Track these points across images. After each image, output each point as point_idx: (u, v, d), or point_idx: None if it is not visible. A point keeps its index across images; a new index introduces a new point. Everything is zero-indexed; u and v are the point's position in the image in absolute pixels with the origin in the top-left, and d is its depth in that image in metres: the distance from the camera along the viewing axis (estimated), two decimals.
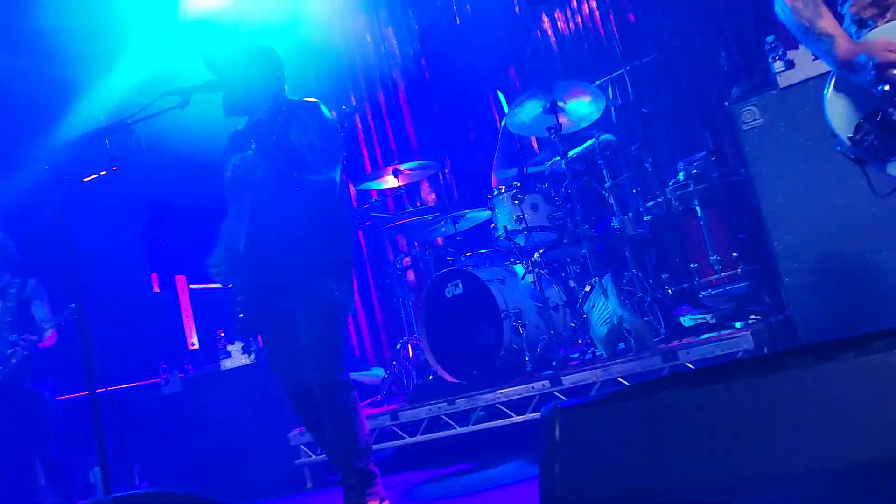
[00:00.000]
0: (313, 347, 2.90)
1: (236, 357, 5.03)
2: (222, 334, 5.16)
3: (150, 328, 5.98)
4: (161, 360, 5.53)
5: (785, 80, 3.78)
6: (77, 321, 2.41)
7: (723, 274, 4.25)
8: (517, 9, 6.57)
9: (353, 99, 7.34)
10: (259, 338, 3.17)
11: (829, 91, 2.26)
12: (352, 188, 6.34)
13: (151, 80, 5.54)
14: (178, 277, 6.00)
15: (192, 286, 6.06)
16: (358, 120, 7.22)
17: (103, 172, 6.08)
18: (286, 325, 2.98)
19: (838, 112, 2.24)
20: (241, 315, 2.94)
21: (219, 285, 3.13)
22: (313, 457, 4.57)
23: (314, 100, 3.09)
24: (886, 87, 2.10)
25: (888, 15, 2.21)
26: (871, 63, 2.10)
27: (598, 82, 5.34)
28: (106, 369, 2.59)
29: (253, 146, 2.85)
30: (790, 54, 3.76)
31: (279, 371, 3.11)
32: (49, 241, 2.97)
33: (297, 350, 2.95)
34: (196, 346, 5.84)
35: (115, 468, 2.49)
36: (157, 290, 6.04)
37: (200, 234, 6.05)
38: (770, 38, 3.94)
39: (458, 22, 6.87)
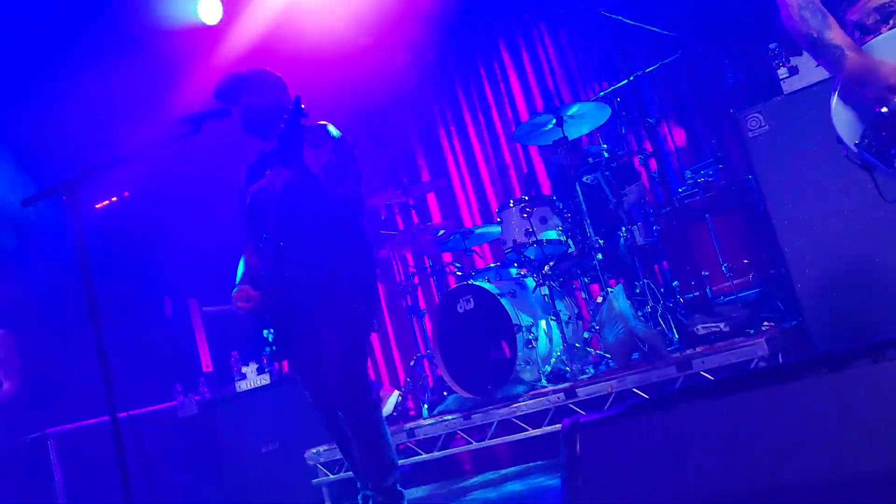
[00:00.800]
0: (337, 369, 2.92)
1: (251, 378, 5.05)
2: (236, 356, 5.18)
3: (164, 352, 6.02)
4: (176, 384, 5.56)
5: (789, 86, 3.79)
6: (96, 346, 2.43)
7: (734, 281, 4.25)
8: None
9: (360, 119, 7.39)
10: (286, 362, 3.18)
11: (835, 98, 2.28)
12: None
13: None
14: (190, 300, 6.04)
15: (204, 309, 6.09)
16: (366, 138, 7.27)
17: (115, 199, 6.17)
18: (312, 347, 3.00)
19: (844, 119, 2.26)
20: (270, 340, 2.97)
21: (230, 307, 3.16)
22: (331, 476, 4.58)
23: (324, 122, 3.14)
24: (884, 110, 2.13)
25: (891, 22, 2.22)
26: (876, 83, 2.12)
27: (602, 93, 5.38)
28: (123, 394, 2.61)
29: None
30: (794, 60, 3.78)
31: (309, 389, 3.13)
32: (65, 267, 3.00)
33: (321, 368, 2.98)
34: (210, 369, 5.86)
35: (137, 493, 2.51)
36: (169, 313, 6.08)
37: (211, 256, 6.12)
38: (773, 45, 3.97)
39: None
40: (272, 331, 3.01)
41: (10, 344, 4.49)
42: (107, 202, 6.21)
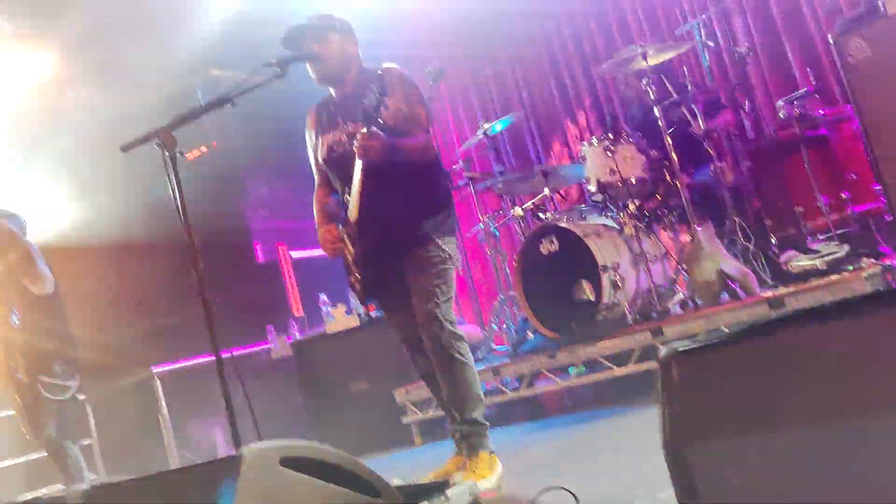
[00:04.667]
0: (427, 304, 2.98)
1: (340, 320, 5.20)
2: (325, 298, 5.34)
3: (256, 296, 6.25)
4: (269, 326, 5.78)
5: (894, 6, 3.56)
6: (199, 292, 2.54)
7: (831, 217, 4.09)
8: None
9: (435, 61, 7.34)
10: (372, 304, 3.27)
11: None
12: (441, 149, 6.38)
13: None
14: (279, 246, 6.23)
15: (293, 254, 6.27)
16: (442, 81, 7.21)
17: (205, 149, 6.36)
18: (399, 286, 3.08)
19: None
20: (357, 283, 3.05)
21: (319, 252, 3.24)
22: (420, 414, 4.70)
23: (392, 65, 3.12)
24: None
25: None
26: None
27: (685, 26, 5.16)
28: (221, 336, 2.73)
29: (344, 125, 2.92)
30: None
31: (397, 327, 3.22)
32: (166, 218, 3.12)
33: (410, 307, 3.05)
34: (301, 312, 6.06)
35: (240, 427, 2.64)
36: (260, 259, 6.29)
37: (299, 203, 6.27)
38: None
39: None
40: (358, 276, 3.08)
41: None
42: (197, 152, 6.40)
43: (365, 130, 2.76)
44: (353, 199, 2.97)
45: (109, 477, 5.40)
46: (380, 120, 2.82)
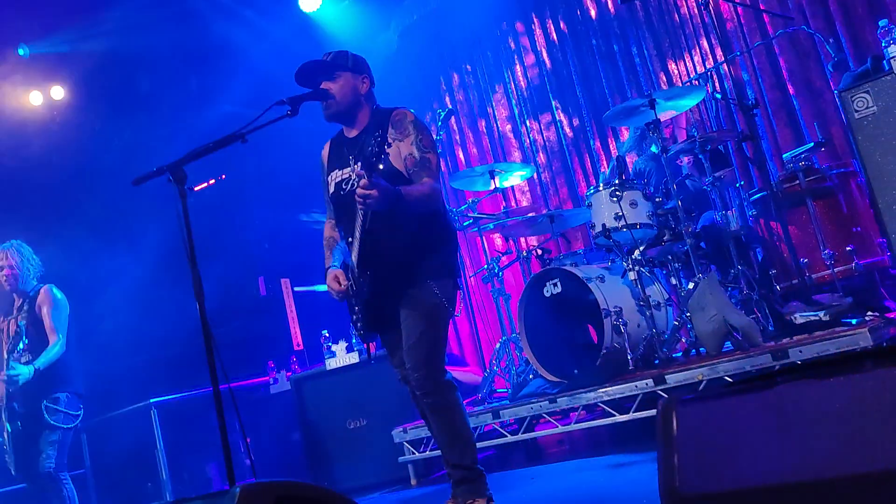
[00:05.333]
0: (415, 349, 2.97)
1: (340, 356, 5.18)
2: (326, 334, 5.32)
3: (258, 330, 6.24)
4: (269, 360, 5.76)
5: None
6: (202, 323, 2.54)
7: (836, 269, 4.08)
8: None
9: (447, 101, 7.44)
10: (374, 343, 3.25)
11: None
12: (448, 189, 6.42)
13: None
14: (282, 280, 6.24)
15: (296, 289, 6.27)
16: (453, 121, 7.30)
17: (212, 181, 6.40)
18: (397, 327, 3.06)
19: None
20: (357, 322, 3.04)
21: (323, 288, 3.24)
22: (417, 454, 4.65)
23: (405, 109, 3.14)
24: None
25: None
26: None
27: (695, 76, 5.23)
28: (223, 369, 2.72)
29: (353, 164, 2.95)
30: None
31: (397, 366, 3.20)
32: (171, 247, 3.14)
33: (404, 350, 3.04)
34: (301, 347, 6.05)
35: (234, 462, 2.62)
36: (263, 293, 6.30)
37: (302, 237, 6.29)
38: (883, 22, 3.77)
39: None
40: (359, 315, 3.06)
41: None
42: (204, 185, 6.43)
43: (365, 179, 2.71)
44: (355, 242, 2.97)
45: None
46: (380, 167, 2.79)
